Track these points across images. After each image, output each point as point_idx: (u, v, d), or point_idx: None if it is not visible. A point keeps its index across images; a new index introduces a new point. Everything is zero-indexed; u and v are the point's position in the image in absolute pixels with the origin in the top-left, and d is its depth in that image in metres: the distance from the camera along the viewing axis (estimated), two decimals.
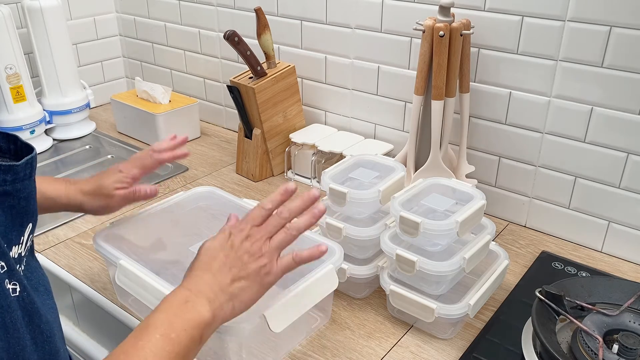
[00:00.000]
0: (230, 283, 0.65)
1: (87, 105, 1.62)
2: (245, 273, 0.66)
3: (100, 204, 0.91)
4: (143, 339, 0.59)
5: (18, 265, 0.56)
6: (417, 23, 1.06)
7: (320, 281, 0.80)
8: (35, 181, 0.57)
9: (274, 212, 0.71)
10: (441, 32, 1.02)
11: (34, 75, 1.56)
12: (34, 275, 0.60)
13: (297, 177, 1.35)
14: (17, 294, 0.53)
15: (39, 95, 1.56)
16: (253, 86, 1.27)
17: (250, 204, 0.99)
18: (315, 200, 0.71)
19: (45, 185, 0.89)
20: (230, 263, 0.66)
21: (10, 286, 0.52)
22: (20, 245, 0.56)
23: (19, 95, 1.45)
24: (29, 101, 1.47)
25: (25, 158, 0.54)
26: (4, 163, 0.52)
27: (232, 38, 1.25)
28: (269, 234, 0.69)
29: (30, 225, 0.57)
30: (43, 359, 0.57)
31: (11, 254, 0.54)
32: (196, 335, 0.62)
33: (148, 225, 0.96)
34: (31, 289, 0.57)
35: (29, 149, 0.57)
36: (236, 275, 0.66)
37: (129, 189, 0.91)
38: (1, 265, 0.51)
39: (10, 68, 1.42)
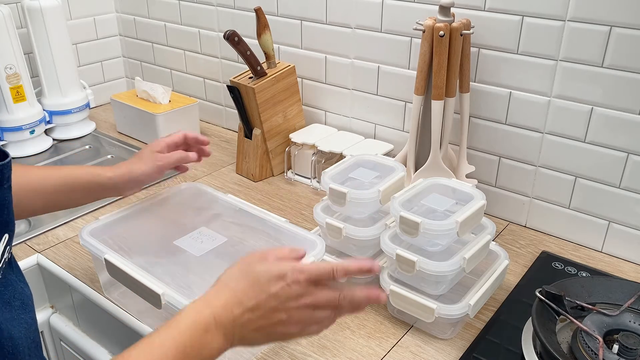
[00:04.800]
0: (256, 335, 0.62)
1: (87, 105, 1.62)
2: (274, 337, 0.63)
3: (145, 169, 0.94)
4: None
5: None
6: (417, 23, 1.06)
7: None
8: (9, 190, 0.53)
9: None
10: (441, 32, 1.02)
11: (34, 75, 1.56)
12: (8, 289, 0.57)
13: (297, 177, 1.35)
14: None
15: (39, 95, 1.56)
16: (253, 86, 1.27)
17: (234, 200, 1.01)
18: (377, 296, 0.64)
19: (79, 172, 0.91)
20: (272, 322, 0.61)
21: None
22: None
23: (18, 95, 1.45)
24: (28, 101, 1.47)
25: None
26: None
27: (232, 38, 1.25)
28: (317, 305, 0.62)
29: (6, 236, 0.54)
30: None
31: None
32: None
33: (134, 220, 0.98)
34: (1, 303, 0.55)
35: (4, 155, 0.54)
36: (267, 335, 0.62)
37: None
38: None
39: (10, 68, 1.42)
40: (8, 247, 0.55)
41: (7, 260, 0.56)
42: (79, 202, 0.94)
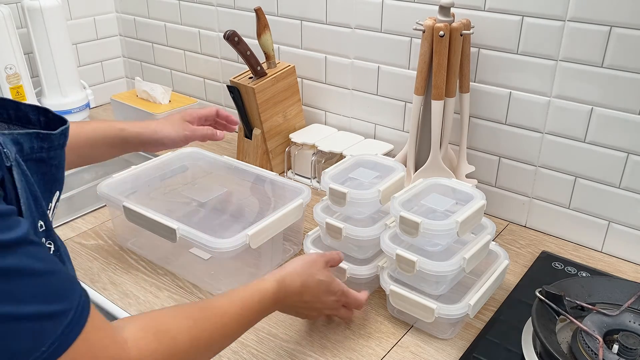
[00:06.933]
0: (290, 311, 0.85)
1: (87, 105, 1.62)
2: (299, 314, 0.87)
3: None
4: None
5: None
6: (417, 23, 1.06)
7: (290, 213, 0.99)
8: (64, 152, 0.60)
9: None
10: (441, 32, 1.02)
11: (34, 75, 1.56)
12: (58, 242, 0.63)
13: (297, 177, 1.35)
14: (52, 252, 0.56)
15: (39, 95, 1.56)
16: (253, 86, 1.27)
17: (230, 160, 1.15)
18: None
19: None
20: (307, 309, 0.85)
21: (47, 245, 0.55)
22: (49, 211, 0.59)
23: (19, 95, 1.45)
24: (28, 101, 1.47)
25: (61, 128, 0.57)
26: (42, 131, 0.55)
27: (232, 38, 1.25)
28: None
29: (57, 193, 0.60)
30: None
31: None
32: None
33: (143, 178, 1.10)
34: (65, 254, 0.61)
35: (63, 121, 0.60)
36: (296, 313, 0.86)
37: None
38: (40, 224, 0.54)
39: (10, 68, 1.42)
40: (57, 202, 0.62)
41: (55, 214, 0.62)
42: (106, 156, 1.01)
